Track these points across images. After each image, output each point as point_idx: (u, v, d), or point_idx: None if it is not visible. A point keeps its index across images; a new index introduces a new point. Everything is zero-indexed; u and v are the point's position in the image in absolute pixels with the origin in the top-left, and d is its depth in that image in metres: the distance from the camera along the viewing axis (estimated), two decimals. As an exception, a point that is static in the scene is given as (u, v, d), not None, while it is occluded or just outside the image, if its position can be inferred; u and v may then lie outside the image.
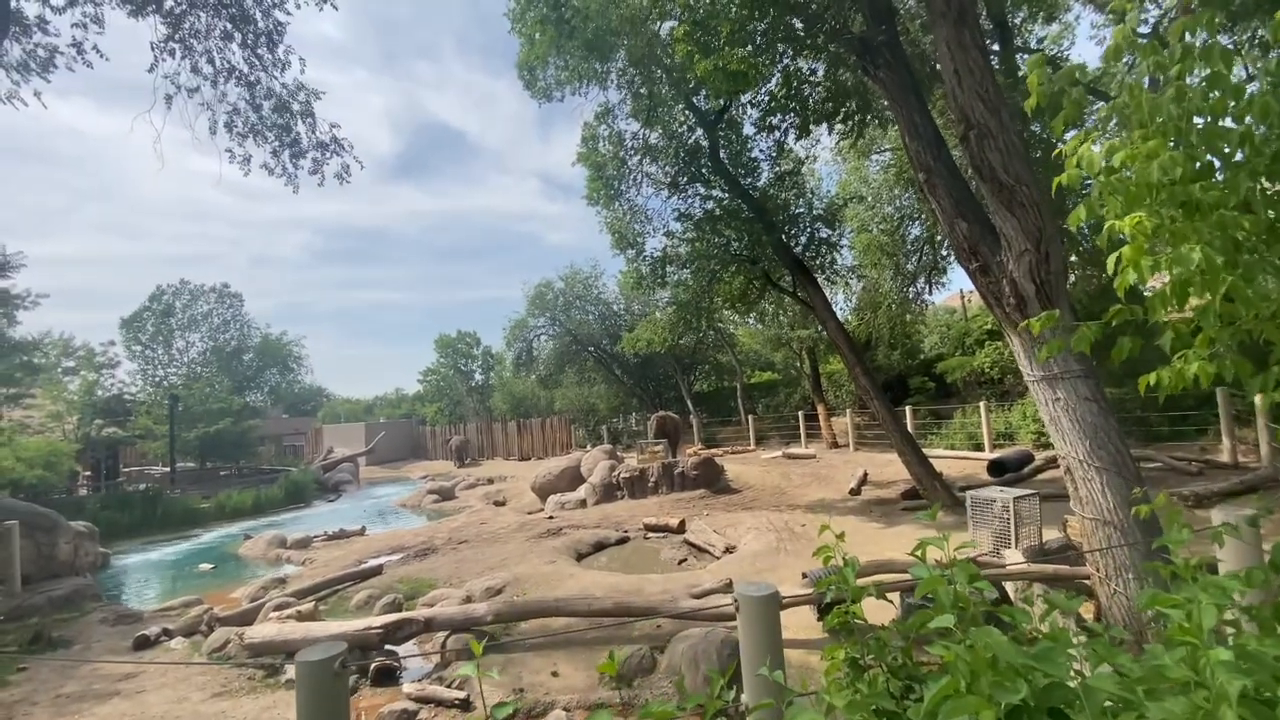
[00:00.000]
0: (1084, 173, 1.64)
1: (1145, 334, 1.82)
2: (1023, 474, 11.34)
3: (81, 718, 5.56)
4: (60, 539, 11.21)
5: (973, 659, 0.79)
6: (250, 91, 7.41)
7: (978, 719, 0.73)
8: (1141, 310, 1.59)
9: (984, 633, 0.84)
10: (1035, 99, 1.78)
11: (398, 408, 55.68)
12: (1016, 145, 4.73)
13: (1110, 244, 1.70)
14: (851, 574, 1.20)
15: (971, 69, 4.81)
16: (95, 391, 23.71)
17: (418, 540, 12.01)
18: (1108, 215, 1.66)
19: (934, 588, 1.00)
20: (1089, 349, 1.74)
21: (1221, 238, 1.35)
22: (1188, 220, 1.41)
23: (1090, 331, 1.67)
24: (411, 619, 6.26)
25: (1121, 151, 1.50)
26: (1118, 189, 1.50)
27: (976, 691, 0.77)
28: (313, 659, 2.26)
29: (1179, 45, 1.72)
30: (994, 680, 0.77)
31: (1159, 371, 1.60)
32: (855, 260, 19.11)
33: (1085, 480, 4.72)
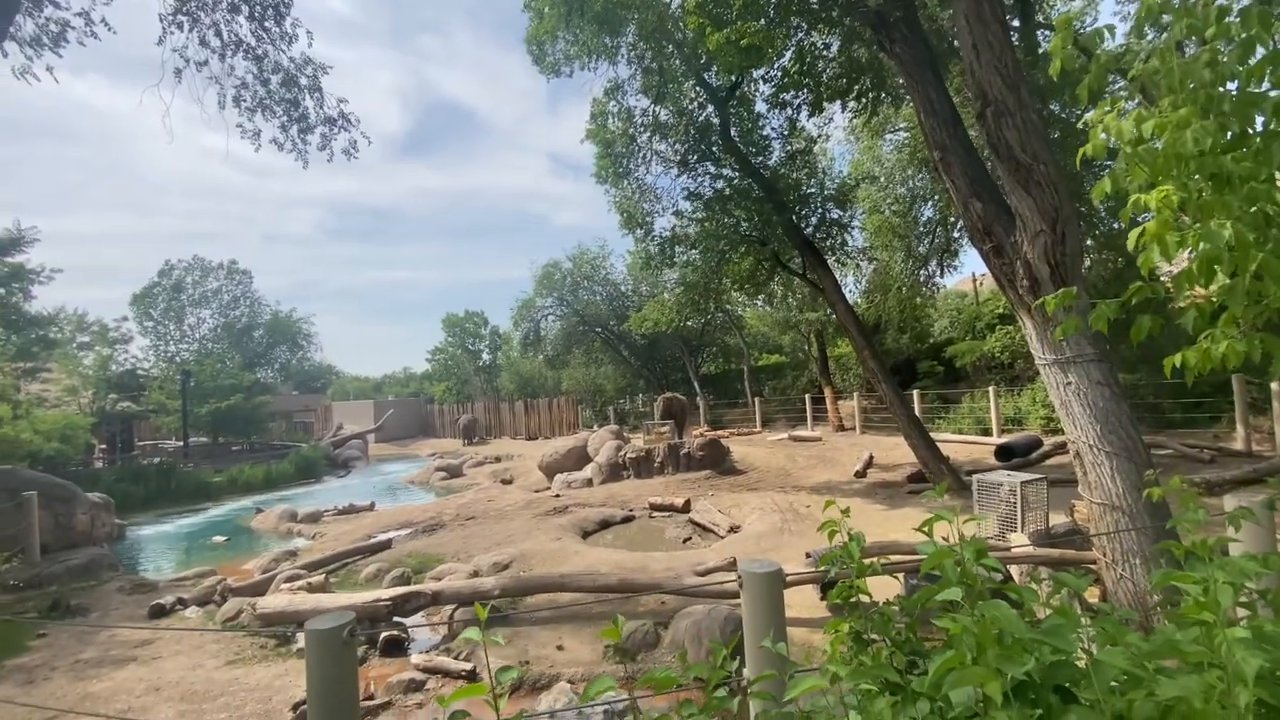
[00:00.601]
0: (1110, 144, 1.58)
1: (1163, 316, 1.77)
2: (1031, 459, 11.29)
3: (99, 682, 5.71)
4: (77, 510, 11.43)
5: (980, 631, 0.78)
6: (258, 65, 7.35)
7: (983, 690, 0.73)
8: (1163, 289, 1.55)
9: (992, 605, 0.83)
10: (1058, 64, 1.72)
11: (406, 386, 56.07)
12: (1035, 123, 4.62)
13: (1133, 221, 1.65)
14: (857, 549, 1.20)
15: (990, 43, 4.68)
16: (109, 366, 23.98)
17: (426, 516, 12.16)
18: (1131, 188, 1.61)
19: (941, 561, 0.99)
20: (1106, 328, 1.70)
21: (1252, 212, 1.30)
22: (1217, 193, 1.36)
23: (1108, 310, 1.63)
24: (420, 592, 6.35)
25: (1150, 120, 1.45)
26: (1145, 160, 1.45)
27: (983, 664, 0.76)
28: (322, 627, 2.29)
29: (1215, 7, 1.65)
30: (1000, 653, 0.76)
31: (1184, 352, 1.56)
32: (866, 242, 18.89)
33: (1095, 465, 4.69)
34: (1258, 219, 1.29)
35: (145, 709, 5.09)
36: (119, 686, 5.59)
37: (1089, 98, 1.76)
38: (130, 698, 5.34)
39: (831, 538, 1.27)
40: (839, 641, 1.02)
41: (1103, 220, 13.27)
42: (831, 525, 1.27)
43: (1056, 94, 8.86)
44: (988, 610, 0.82)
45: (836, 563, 1.26)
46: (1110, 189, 1.64)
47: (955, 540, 1.18)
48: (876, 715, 0.82)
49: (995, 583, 1.14)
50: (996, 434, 14.95)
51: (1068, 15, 1.86)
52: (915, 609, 1.09)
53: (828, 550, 1.50)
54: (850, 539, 1.23)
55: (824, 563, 1.31)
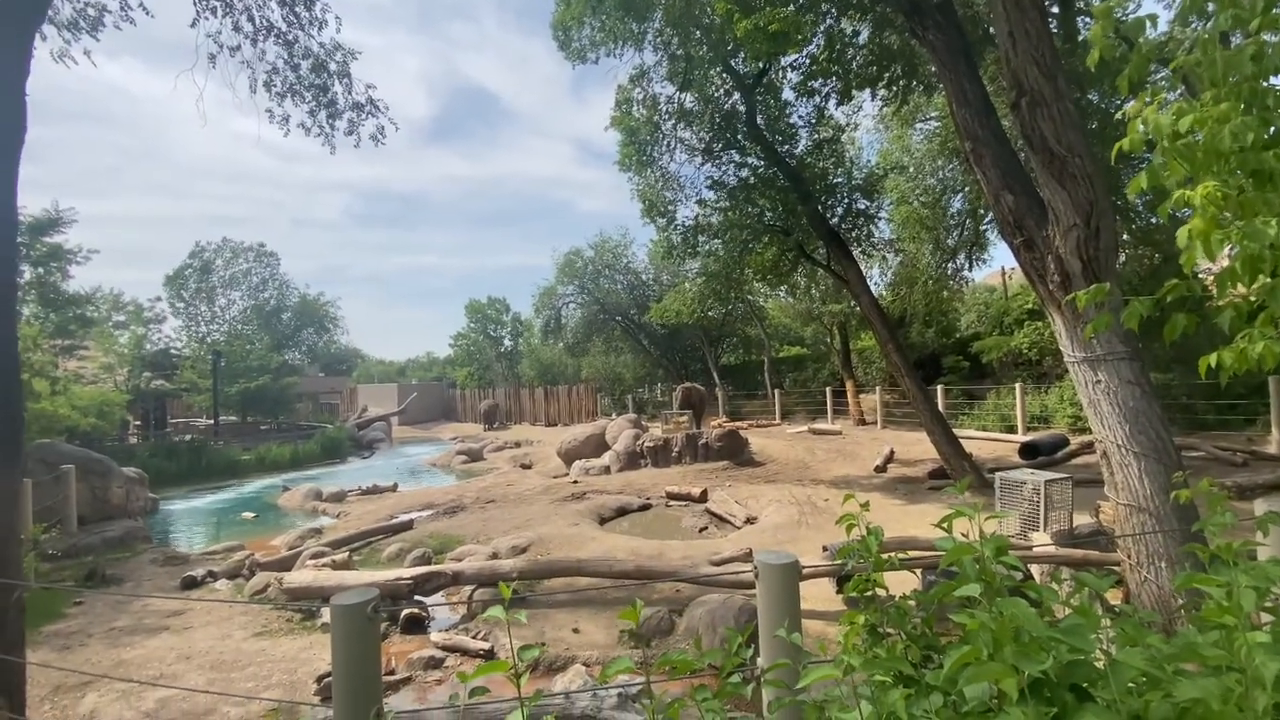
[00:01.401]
0: (1148, 138, 1.54)
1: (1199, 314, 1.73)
2: (1056, 458, 11.09)
3: (133, 649, 5.94)
4: (113, 483, 11.84)
5: (998, 628, 0.78)
6: (288, 50, 7.43)
7: (999, 686, 0.73)
8: (1199, 287, 1.50)
9: (1011, 603, 0.83)
10: (1097, 52, 1.67)
11: (429, 370, 56.83)
12: (1071, 114, 4.49)
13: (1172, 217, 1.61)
14: (875, 542, 1.20)
15: (1028, 31, 4.55)
16: (143, 345, 24.67)
17: (447, 498, 12.37)
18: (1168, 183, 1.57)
19: (960, 557, 0.99)
20: (1138, 326, 1.66)
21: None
22: (1259, 190, 1.32)
23: (1141, 307, 1.59)
24: (440, 572, 6.49)
25: (1190, 114, 1.40)
26: (1183, 155, 1.41)
27: (1000, 660, 0.76)
28: (348, 603, 2.36)
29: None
30: (1018, 650, 0.77)
31: (1220, 351, 1.52)
32: (893, 233, 18.58)
33: (1122, 465, 4.60)
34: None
35: (176, 676, 5.29)
36: (151, 654, 5.81)
37: (1129, 88, 1.71)
38: (162, 665, 5.56)
39: (850, 531, 1.27)
40: (854, 633, 1.03)
41: (1139, 215, 12.87)
42: (850, 518, 1.28)
43: (1095, 83, 8.58)
44: (1006, 607, 0.82)
45: (854, 555, 1.26)
46: (1147, 184, 1.60)
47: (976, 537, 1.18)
48: (889, 706, 0.83)
49: (1014, 581, 1.14)
50: (1022, 432, 14.70)
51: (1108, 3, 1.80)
52: (932, 604, 1.09)
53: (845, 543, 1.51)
54: (869, 532, 1.24)
55: (841, 555, 1.32)
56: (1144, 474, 4.46)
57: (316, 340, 42.43)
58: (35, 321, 14.39)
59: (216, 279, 35.61)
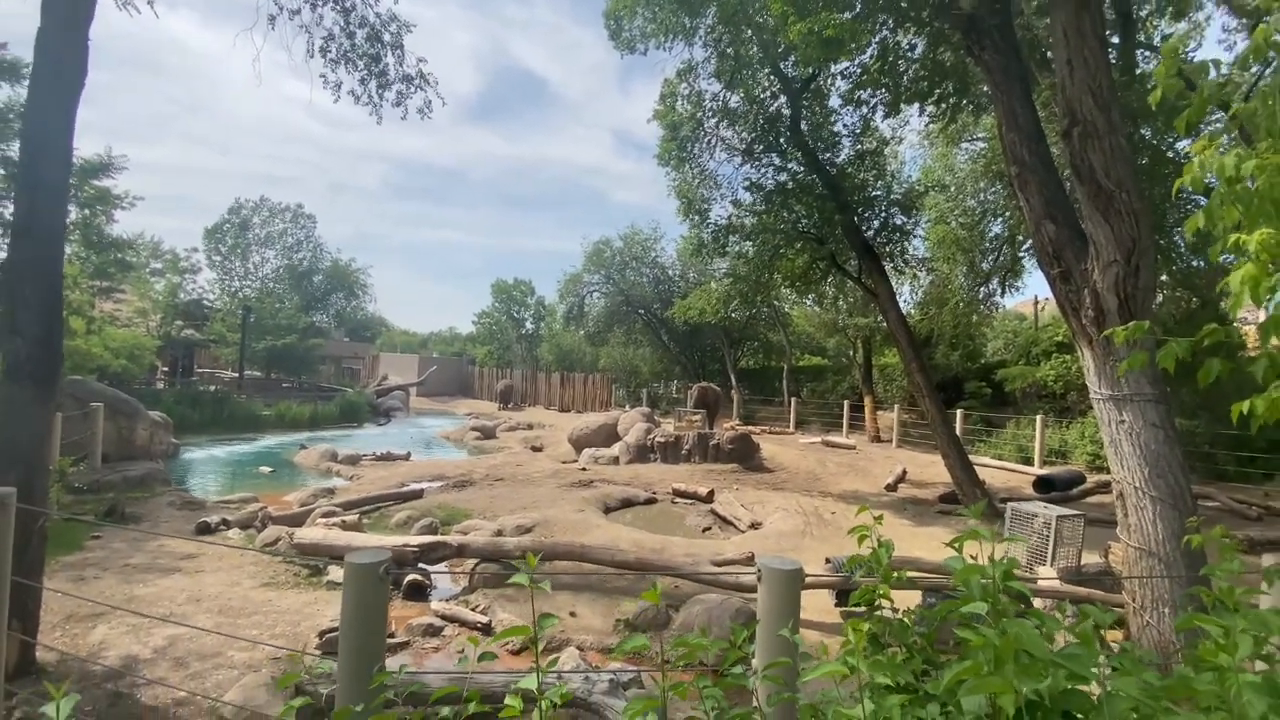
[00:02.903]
0: (1207, 181, 1.53)
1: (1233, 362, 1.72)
2: (1070, 494, 10.91)
3: (145, 587, 6.15)
4: (139, 425, 12.22)
5: (1001, 645, 0.81)
6: (345, 18, 7.56)
7: (996, 701, 0.76)
8: (1237, 334, 1.51)
9: (1016, 623, 0.85)
10: (1159, 92, 1.67)
11: (451, 345, 57.44)
12: (1123, 148, 4.42)
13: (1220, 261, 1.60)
14: (886, 555, 1.23)
15: (1087, 60, 4.48)
16: (178, 294, 25.32)
17: (458, 472, 12.56)
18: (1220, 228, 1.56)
19: (968, 578, 1.01)
20: (1173, 367, 1.66)
21: None
22: None
23: (1178, 348, 1.59)
24: (446, 543, 6.61)
25: (1251, 160, 1.40)
26: (1241, 200, 1.40)
27: (1001, 676, 0.79)
28: (362, 561, 2.44)
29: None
30: (1019, 669, 0.79)
31: (1254, 399, 1.52)
32: (928, 252, 18.33)
33: (1137, 508, 4.54)
34: None
35: (185, 616, 5.48)
36: (162, 593, 6.02)
37: (1186, 130, 1.69)
38: (172, 604, 5.75)
39: (861, 542, 1.30)
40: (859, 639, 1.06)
41: (1181, 256, 12.53)
42: (862, 530, 1.31)
43: (1149, 119, 8.37)
44: (1011, 626, 0.84)
45: (863, 566, 1.29)
46: (1204, 224, 1.60)
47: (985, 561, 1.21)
48: (886, 710, 0.86)
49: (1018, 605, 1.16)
50: (1038, 464, 14.46)
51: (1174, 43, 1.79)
52: (936, 620, 1.12)
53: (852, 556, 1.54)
54: (880, 545, 1.27)
55: (850, 564, 1.35)
56: (1158, 518, 4.41)
57: (344, 305, 43.18)
58: (77, 261, 14.83)
59: (253, 236, 36.32)
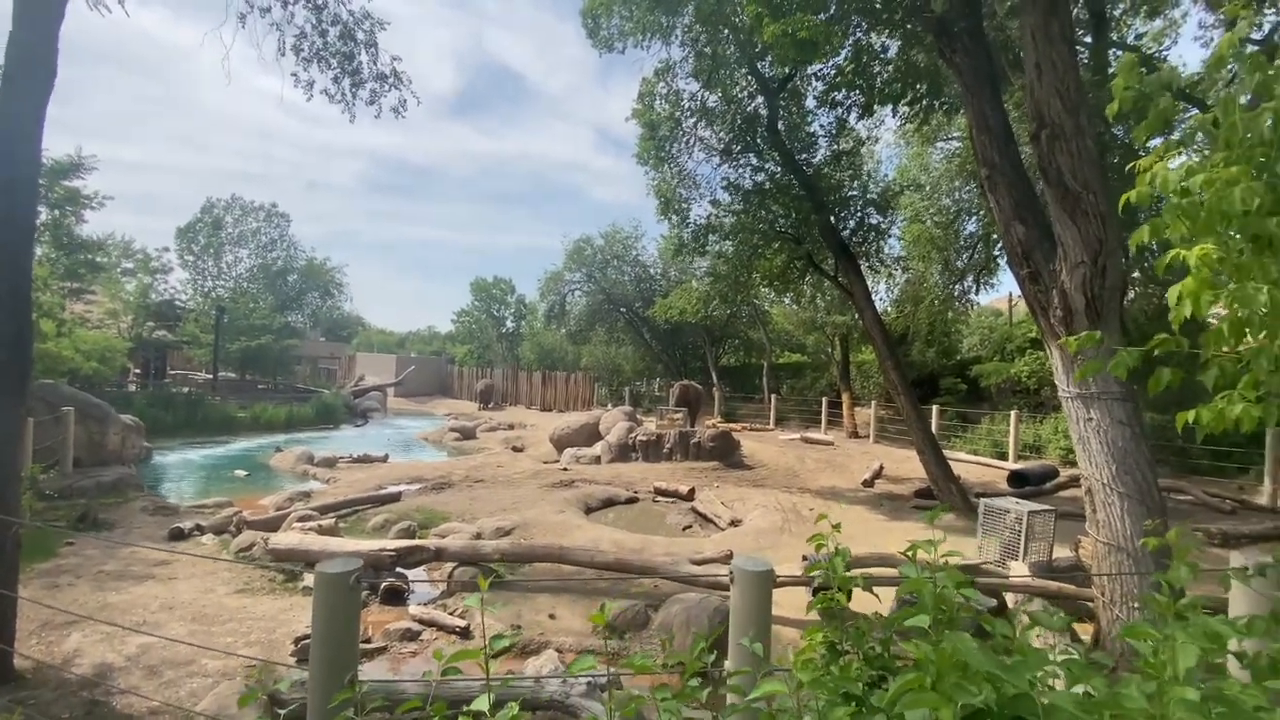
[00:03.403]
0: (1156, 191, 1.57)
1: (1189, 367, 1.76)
2: (1043, 489, 11.14)
3: (118, 594, 6.03)
4: (110, 429, 11.93)
5: (939, 659, 0.82)
6: (317, 15, 7.43)
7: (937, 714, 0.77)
8: (1186, 344, 1.54)
9: (956, 637, 0.87)
10: (1117, 104, 1.70)
11: (429, 344, 56.87)
12: (1090, 150, 4.51)
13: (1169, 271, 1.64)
14: (841, 563, 1.25)
15: (1055, 64, 4.56)
16: (149, 295, 24.70)
17: (436, 474, 12.46)
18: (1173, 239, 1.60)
19: (918, 588, 1.03)
20: (1125, 375, 1.70)
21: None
22: (1257, 255, 1.35)
23: (1128, 358, 1.63)
24: (423, 547, 6.56)
25: (1200, 174, 1.43)
26: (1188, 214, 1.44)
27: (941, 690, 0.81)
28: (332, 571, 2.41)
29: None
30: (956, 682, 0.81)
31: (1199, 409, 1.56)
32: (903, 251, 18.56)
33: (1105, 504, 4.65)
34: None
35: (159, 625, 5.37)
36: (135, 600, 5.90)
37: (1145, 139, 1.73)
38: (146, 612, 5.64)
39: (818, 549, 1.32)
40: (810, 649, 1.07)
41: (1154, 253, 12.84)
42: (819, 538, 1.33)
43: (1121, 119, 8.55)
44: (950, 640, 0.86)
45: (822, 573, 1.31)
46: (1149, 237, 1.64)
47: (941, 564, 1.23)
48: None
49: (973, 610, 1.18)
50: (1013, 459, 14.74)
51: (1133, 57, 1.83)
52: (890, 628, 1.14)
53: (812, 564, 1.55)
54: (837, 552, 1.29)
55: (809, 571, 1.36)
56: (1125, 514, 4.51)
57: (320, 304, 42.49)
58: (47, 263, 14.44)
59: (226, 235, 35.61)
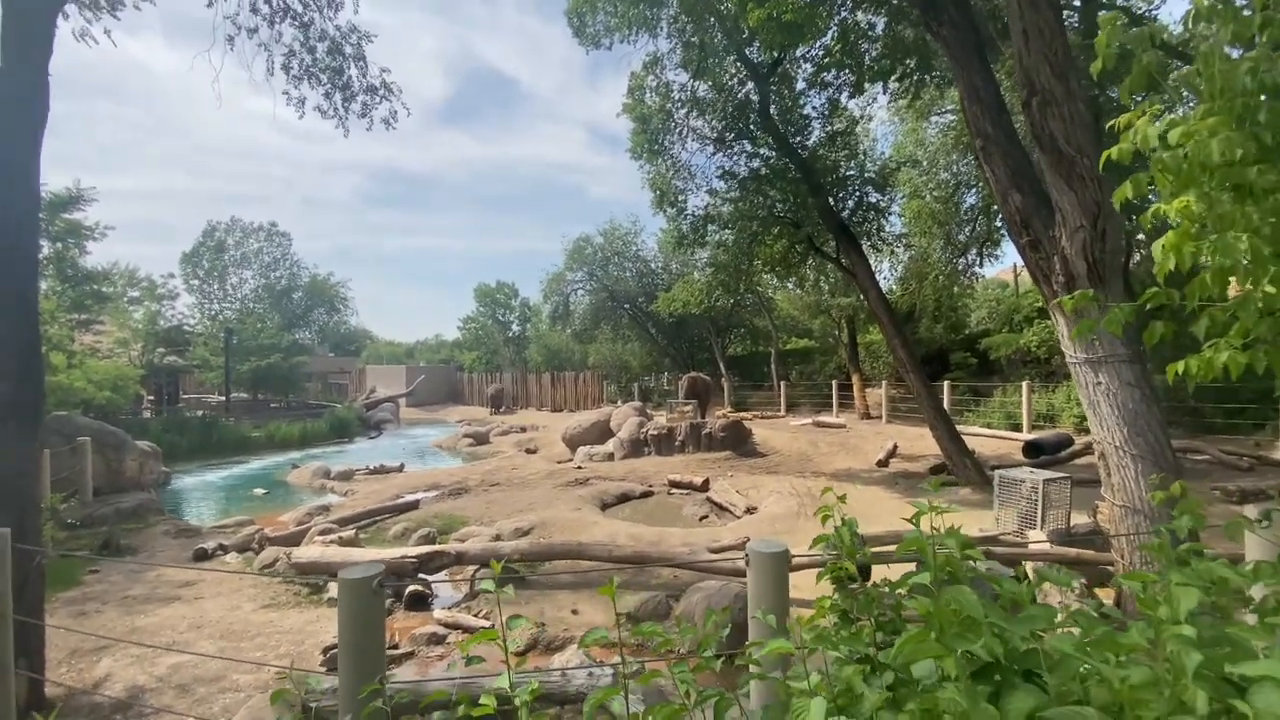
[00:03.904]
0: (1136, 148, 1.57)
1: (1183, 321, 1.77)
2: (1059, 457, 11.09)
3: (146, 617, 6.12)
4: (127, 456, 12.09)
5: (938, 611, 0.85)
6: (305, 33, 7.47)
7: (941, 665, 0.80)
8: (1178, 295, 1.55)
9: (958, 590, 0.90)
10: (1101, 62, 1.70)
11: (437, 353, 57.11)
12: (1082, 114, 4.48)
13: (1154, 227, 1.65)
14: (848, 532, 1.27)
15: (1042, 30, 4.53)
16: (157, 321, 24.96)
17: (452, 480, 12.55)
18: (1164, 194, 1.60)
19: (918, 547, 1.05)
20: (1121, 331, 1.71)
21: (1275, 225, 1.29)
22: (1239, 205, 1.35)
23: (1122, 314, 1.64)
24: (444, 551, 6.63)
25: (1179, 128, 1.44)
26: (1169, 168, 1.45)
27: (942, 642, 0.83)
28: (354, 577, 2.46)
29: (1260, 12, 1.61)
30: (956, 632, 0.83)
31: (1188, 360, 1.57)
32: (905, 227, 18.45)
33: (1119, 467, 4.63)
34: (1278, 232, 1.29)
35: (188, 644, 5.46)
36: (164, 622, 5.99)
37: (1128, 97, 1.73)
38: (174, 633, 5.73)
39: (824, 522, 1.34)
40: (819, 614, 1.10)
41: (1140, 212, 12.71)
42: (825, 510, 1.35)
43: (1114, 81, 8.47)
44: (951, 594, 0.88)
45: (829, 546, 1.33)
46: (1132, 194, 1.64)
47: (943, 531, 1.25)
48: (845, 680, 0.90)
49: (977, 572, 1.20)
50: (1027, 430, 14.67)
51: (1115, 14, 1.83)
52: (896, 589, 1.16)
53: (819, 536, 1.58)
54: (844, 523, 1.31)
55: (817, 543, 1.39)
56: (1140, 476, 4.50)
57: (326, 320, 42.82)
58: (53, 296, 14.62)
59: (229, 258, 35.91)
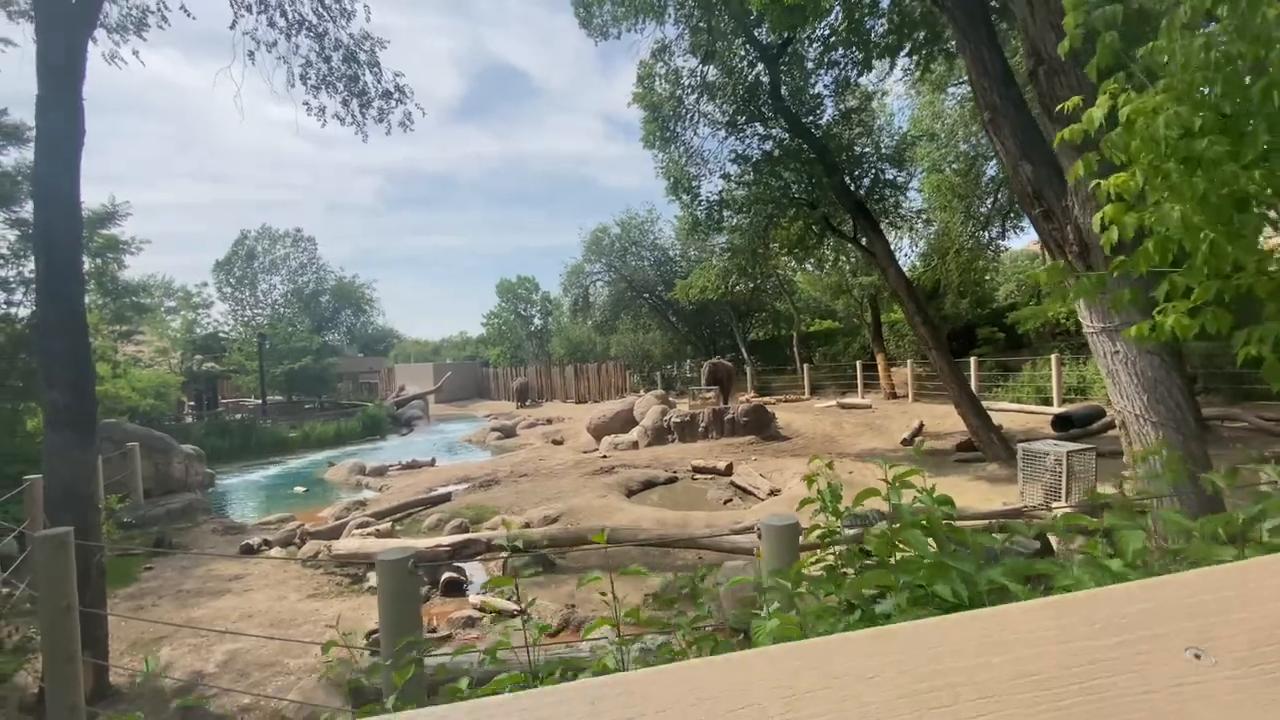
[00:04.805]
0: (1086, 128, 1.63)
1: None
2: (1090, 430, 10.91)
3: (199, 609, 6.49)
4: (174, 459, 12.65)
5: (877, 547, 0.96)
6: (320, 43, 7.69)
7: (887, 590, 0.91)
8: (1145, 264, 1.60)
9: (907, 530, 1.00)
10: (1068, 43, 1.75)
11: (463, 349, 57.93)
12: (1090, 82, 4.42)
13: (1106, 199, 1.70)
14: (831, 494, 1.38)
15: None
16: (194, 330, 25.87)
17: (482, 472, 12.86)
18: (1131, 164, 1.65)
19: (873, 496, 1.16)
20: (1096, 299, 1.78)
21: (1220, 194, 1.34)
22: (1186, 176, 1.41)
23: (1091, 283, 1.70)
24: (476, 539, 6.87)
25: (1128, 106, 1.49)
26: (1118, 145, 1.50)
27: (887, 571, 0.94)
28: (391, 559, 2.65)
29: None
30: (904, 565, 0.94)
31: (1140, 326, 1.63)
32: (924, 202, 18.15)
33: (1140, 435, 4.61)
34: (1224, 202, 1.34)
35: (241, 632, 5.79)
36: (216, 613, 6.35)
37: (1096, 76, 1.78)
38: (226, 622, 6.07)
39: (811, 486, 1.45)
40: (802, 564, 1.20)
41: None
42: (811, 477, 1.46)
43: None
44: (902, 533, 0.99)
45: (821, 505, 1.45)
46: (1083, 172, 1.70)
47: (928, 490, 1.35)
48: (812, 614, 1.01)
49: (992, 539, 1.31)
50: (1057, 404, 14.42)
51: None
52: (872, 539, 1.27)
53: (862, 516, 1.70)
54: (829, 486, 1.42)
55: (802, 505, 1.50)
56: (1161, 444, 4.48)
57: (354, 321, 43.77)
58: (95, 309, 15.26)
59: (258, 265, 36.90)
